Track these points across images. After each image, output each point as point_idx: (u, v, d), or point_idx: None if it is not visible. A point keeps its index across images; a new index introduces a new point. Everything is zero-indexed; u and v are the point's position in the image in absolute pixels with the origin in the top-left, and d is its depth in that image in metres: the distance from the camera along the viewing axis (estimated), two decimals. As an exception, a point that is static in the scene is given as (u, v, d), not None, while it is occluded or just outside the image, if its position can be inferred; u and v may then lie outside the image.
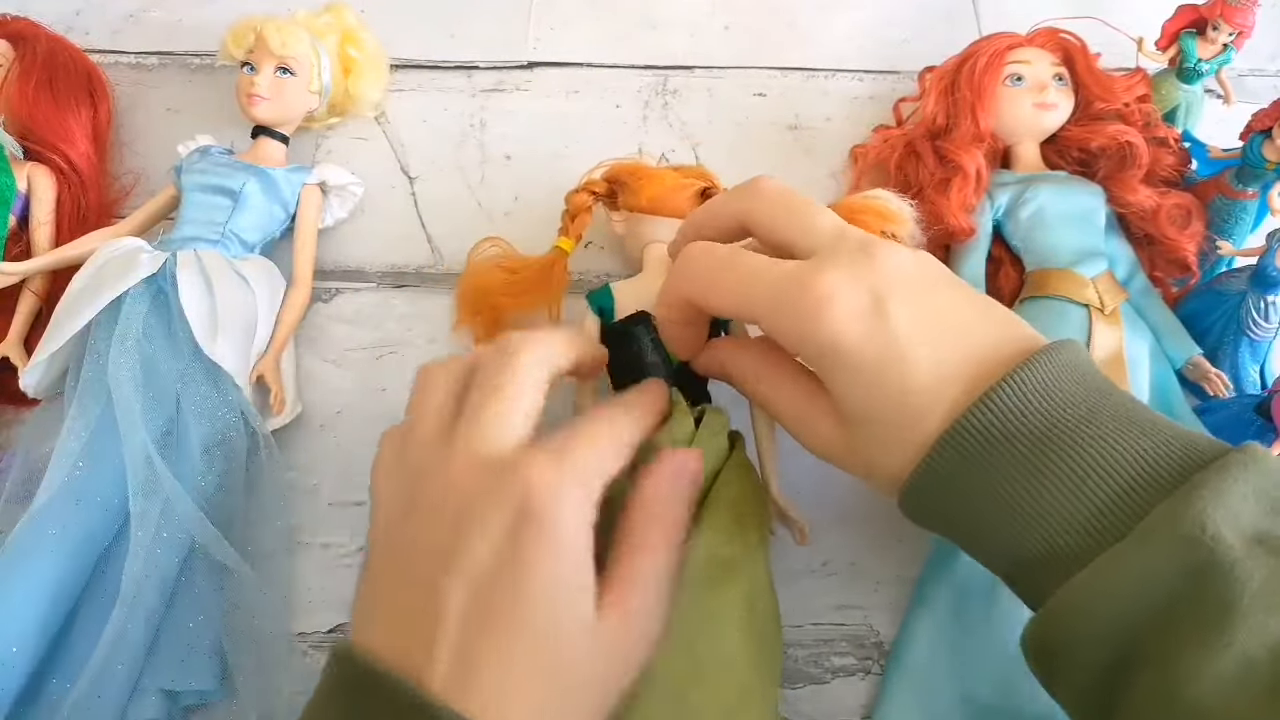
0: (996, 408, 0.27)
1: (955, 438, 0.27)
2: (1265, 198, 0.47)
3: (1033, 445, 0.26)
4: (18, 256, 0.46)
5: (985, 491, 0.27)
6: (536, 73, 0.55)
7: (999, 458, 0.27)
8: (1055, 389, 0.27)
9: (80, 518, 0.39)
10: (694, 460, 0.31)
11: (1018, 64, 0.49)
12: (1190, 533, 0.23)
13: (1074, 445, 0.26)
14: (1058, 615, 0.25)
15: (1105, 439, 0.26)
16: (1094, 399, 0.27)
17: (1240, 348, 0.45)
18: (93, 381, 0.42)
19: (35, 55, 0.48)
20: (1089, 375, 0.28)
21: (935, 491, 0.28)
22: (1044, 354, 0.28)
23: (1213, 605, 0.23)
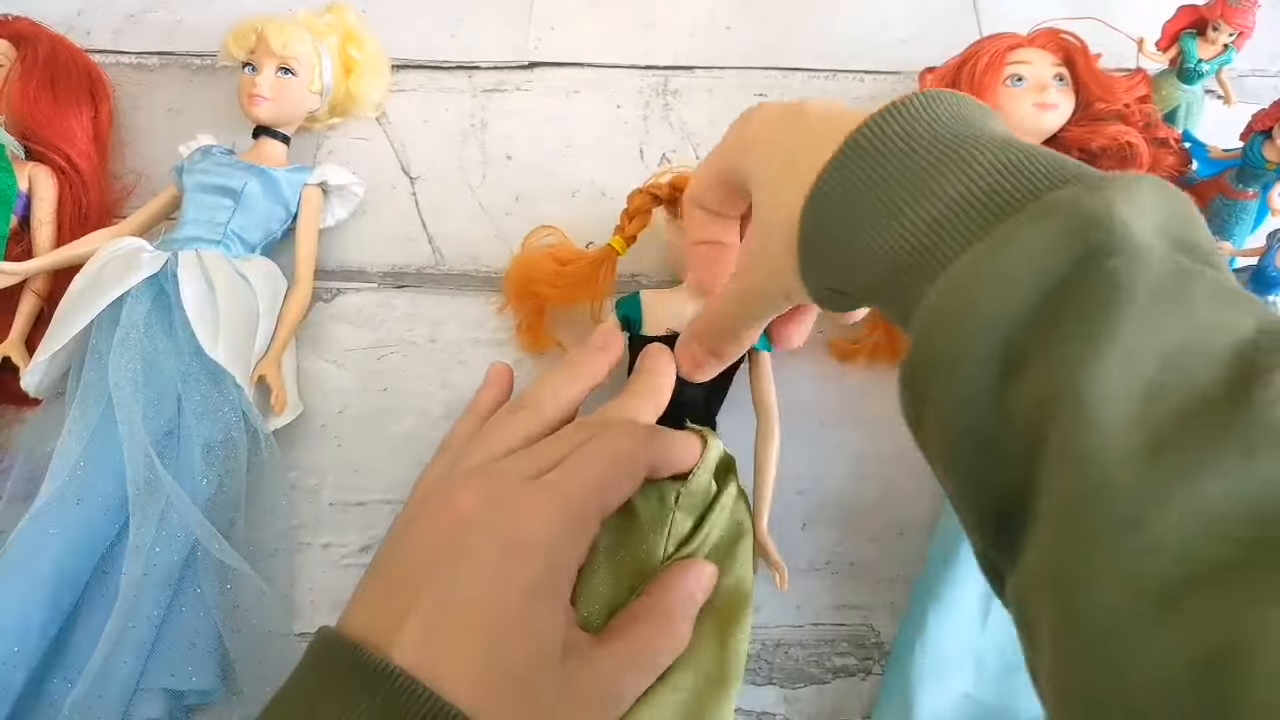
0: (880, 127, 0.25)
1: (841, 160, 0.26)
2: (1265, 198, 0.47)
3: (923, 152, 0.25)
4: (19, 256, 0.46)
5: (868, 207, 0.25)
6: (537, 73, 0.55)
7: (883, 169, 0.25)
8: (939, 110, 0.26)
9: (81, 517, 0.40)
10: (709, 576, 0.34)
11: (1018, 64, 0.49)
12: (1094, 212, 0.21)
13: (959, 149, 0.24)
14: (939, 312, 0.22)
15: (994, 146, 0.24)
16: (983, 122, 0.26)
17: (1240, 348, 0.45)
18: (94, 382, 0.42)
19: (36, 55, 0.48)
20: (976, 110, 0.27)
21: (824, 217, 0.26)
22: (933, 93, 0.27)
23: (1106, 293, 0.20)
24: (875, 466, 0.46)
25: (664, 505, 0.34)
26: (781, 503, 0.41)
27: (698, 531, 0.35)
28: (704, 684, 0.32)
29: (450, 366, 0.47)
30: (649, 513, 0.34)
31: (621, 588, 0.33)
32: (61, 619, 0.39)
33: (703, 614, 0.33)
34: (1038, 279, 0.21)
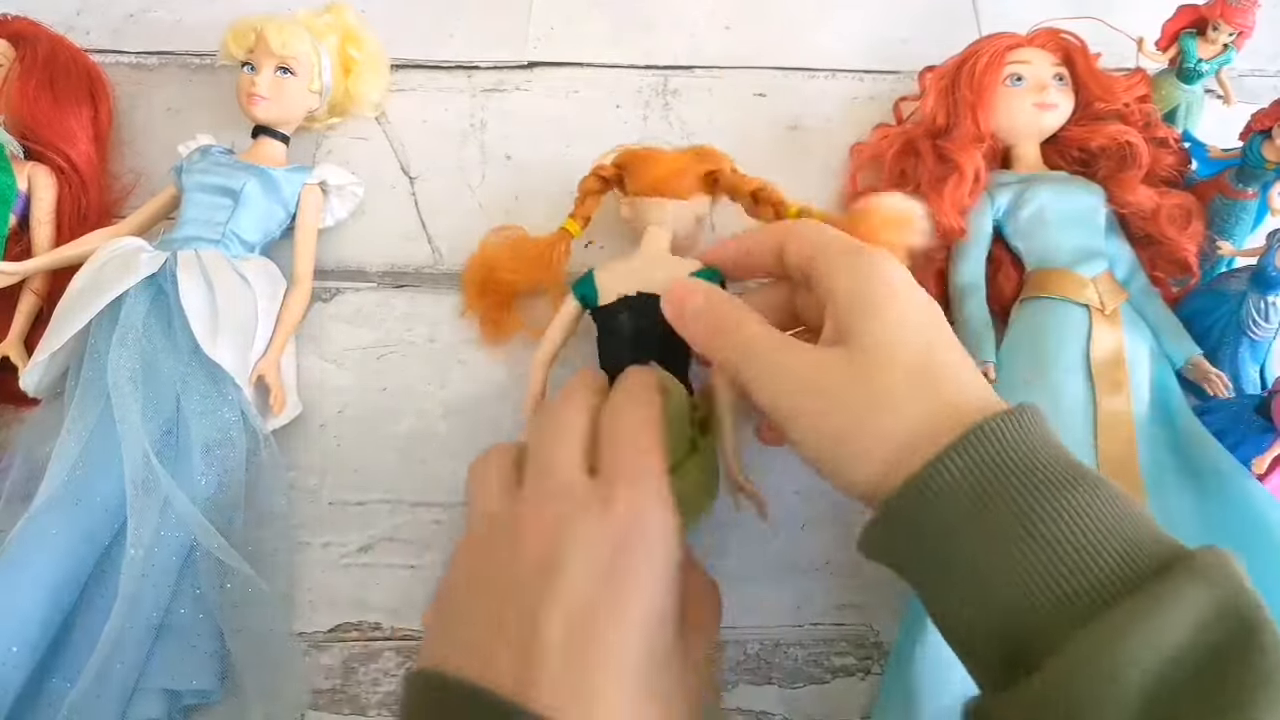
0: (1012, 425, 0.25)
1: (963, 445, 0.25)
2: (1265, 198, 0.47)
3: (1033, 490, 0.24)
4: (18, 256, 0.46)
5: (997, 518, 0.24)
6: (537, 72, 0.55)
7: (1011, 480, 0.25)
8: (1042, 440, 0.26)
9: (80, 517, 0.39)
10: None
11: (1018, 64, 0.49)
12: (1240, 583, 0.22)
13: (1068, 506, 0.24)
14: (1085, 664, 0.21)
15: (1106, 489, 0.24)
16: (1076, 466, 0.26)
17: (1240, 348, 0.45)
18: (93, 381, 0.42)
19: (36, 55, 0.48)
20: (1057, 443, 0.27)
21: (934, 503, 0.26)
22: (1026, 410, 0.27)
23: (1267, 673, 0.20)
24: (875, 466, 0.46)
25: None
26: (782, 503, 0.41)
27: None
28: None
29: (450, 366, 0.47)
30: None
31: None
32: (60, 619, 0.39)
33: None
34: (1195, 647, 0.21)
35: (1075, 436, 0.43)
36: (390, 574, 0.43)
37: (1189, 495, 0.42)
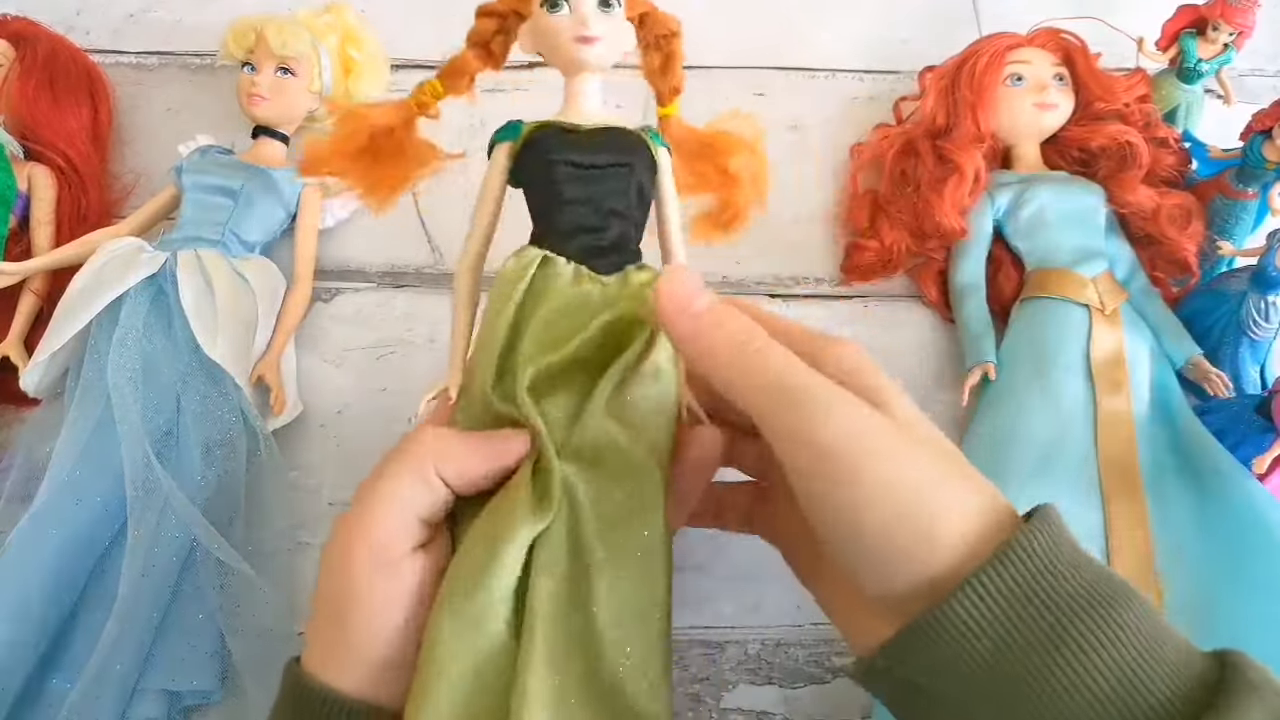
0: (1038, 540, 0.23)
1: (991, 571, 0.23)
2: (1265, 198, 0.47)
3: (1058, 611, 0.22)
4: (18, 256, 0.46)
5: (1029, 641, 0.22)
6: (537, 73, 0.55)
7: (1041, 602, 0.23)
8: (1073, 548, 0.24)
9: (80, 517, 0.39)
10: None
11: (1018, 64, 0.49)
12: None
13: (1111, 626, 0.22)
14: None
15: (1135, 601, 0.23)
16: (1108, 577, 0.24)
17: (1241, 348, 0.45)
18: (93, 381, 0.42)
19: (36, 55, 0.48)
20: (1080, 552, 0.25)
21: (939, 642, 0.23)
22: (1052, 512, 0.25)
23: None
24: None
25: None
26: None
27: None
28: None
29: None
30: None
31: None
32: (60, 619, 0.39)
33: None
34: None
35: (1075, 436, 0.43)
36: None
37: (1189, 495, 0.42)
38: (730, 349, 0.26)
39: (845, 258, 0.50)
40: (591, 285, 0.29)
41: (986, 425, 0.44)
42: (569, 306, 0.28)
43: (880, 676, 0.25)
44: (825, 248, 0.51)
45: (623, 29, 0.32)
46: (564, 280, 0.29)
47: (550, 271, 0.29)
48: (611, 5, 0.31)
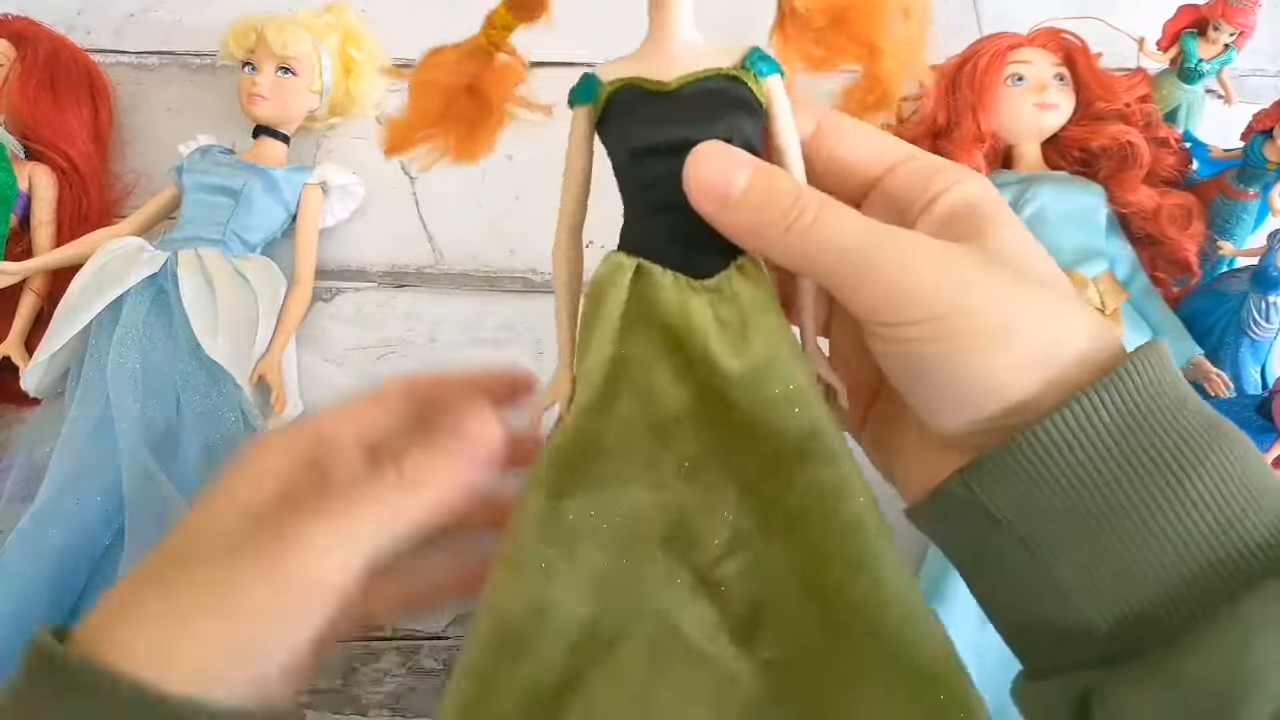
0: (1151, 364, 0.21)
1: (1114, 380, 0.21)
2: (1266, 198, 0.47)
3: (1183, 439, 0.21)
4: (19, 256, 0.46)
5: (1110, 476, 0.21)
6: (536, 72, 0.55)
7: (1163, 431, 0.21)
8: (1180, 380, 0.22)
9: (80, 518, 0.39)
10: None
11: (1019, 64, 0.49)
12: None
13: (1218, 460, 0.21)
14: (1235, 646, 0.19)
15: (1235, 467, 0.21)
16: (1214, 415, 0.22)
17: (1241, 348, 0.45)
18: (94, 381, 0.42)
19: (36, 55, 0.48)
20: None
21: (1068, 444, 0.21)
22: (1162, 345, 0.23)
23: None
24: (875, 466, 0.46)
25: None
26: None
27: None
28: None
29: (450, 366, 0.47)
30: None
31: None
32: (61, 618, 0.39)
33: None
34: None
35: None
36: (391, 574, 0.43)
37: (1190, 495, 0.42)
38: (783, 232, 0.23)
39: (846, 258, 0.50)
40: (694, 297, 0.24)
41: (987, 425, 0.44)
42: (677, 341, 0.24)
43: (953, 508, 0.23)
44: (826, 248, 0.51)
45: None
46: (666, 292, 0.24)
47: (647, 283, 0.24)
48: None
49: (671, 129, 0.24)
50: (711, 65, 0.25)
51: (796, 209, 0.23)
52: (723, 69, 0.25)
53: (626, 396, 0.24)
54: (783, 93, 0.26)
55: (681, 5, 0.26)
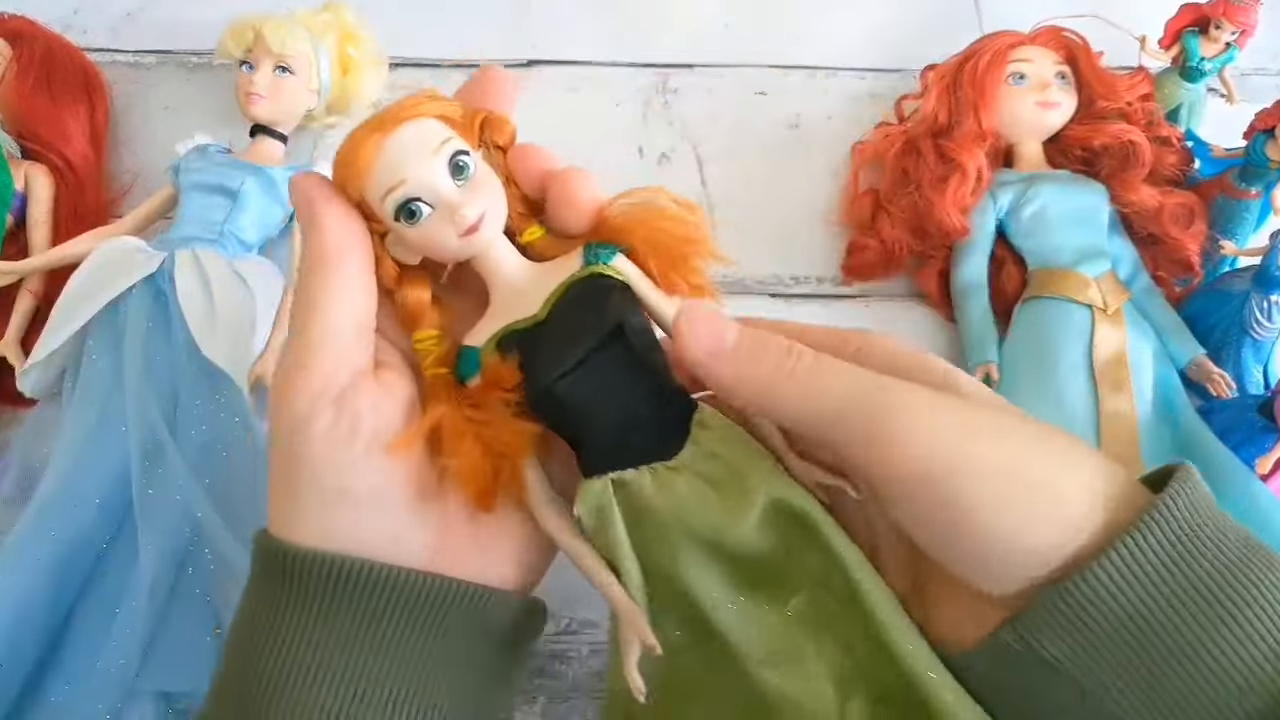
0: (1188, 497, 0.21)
1: (1147, 525, 0.21)
2: (1268, 197, 0.46)
3: (1225, 569, 0.21)
4: (15, 256, 0.46)
5: (1163, 613, 0.21)
6: (536, 71, 0.55)
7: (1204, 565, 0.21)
8: (1216, 508, 0.22)
9: (78, 519, 0.39)
10: None
11: (1020, 62, 0.49)
12: None
13: (1264, 588, 0.20)
14: None
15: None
16: (1251, 540, 0.22)
17: (1243, 348, 0.45)
18: (91, 382, 0.42)
19: (33, 54, 0.48)
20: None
21: (1116, 595, 0.21)
22: (1194, 471, 0.23)
23: None
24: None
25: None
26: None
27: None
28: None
29: (449, 366, 0.47)
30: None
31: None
32: (57, 620, 0.38)
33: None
34: None
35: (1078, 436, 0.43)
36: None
37: (1192, 496, 0.42)
38: (780, 381, 0.23)
39: (846, 257, 0.50)
40: (677, 480, 0.24)
41: (988, 426, 0.44)
42: (688, 532, 0.24)
43: (1006, 657, 0.22)
44: (826, 246, 0.51)
45: (490, 186, 0.25)
46: (650, 494, 0.24)
47: (630, 494, 0.24)
48: (465, 169, 0.24)
49: (569, 349, 0.23)
50: (563, 277, 0.25)
51: (793, 356, 0.23)
52: (574, 275, 0.25)
53: (672, 615, 0.24)
54: (631, 266, 0.25)
55: (499, 246, 0.25)
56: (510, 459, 0.24)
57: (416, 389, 0.25)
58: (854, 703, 0.23)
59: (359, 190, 0.24)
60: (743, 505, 0.24)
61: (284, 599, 0.24)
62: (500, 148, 0.27)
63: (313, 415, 0.23)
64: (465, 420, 0.24)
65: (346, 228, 0.24)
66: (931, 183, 0.47)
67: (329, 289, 0.24)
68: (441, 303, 0.26)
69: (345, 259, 0.24)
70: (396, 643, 0.24)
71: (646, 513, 0.24)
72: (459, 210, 0.24)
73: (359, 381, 0.24)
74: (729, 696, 0.24)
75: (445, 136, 0.25)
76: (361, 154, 0.24)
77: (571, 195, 0.26)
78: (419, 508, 0.24)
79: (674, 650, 0.24)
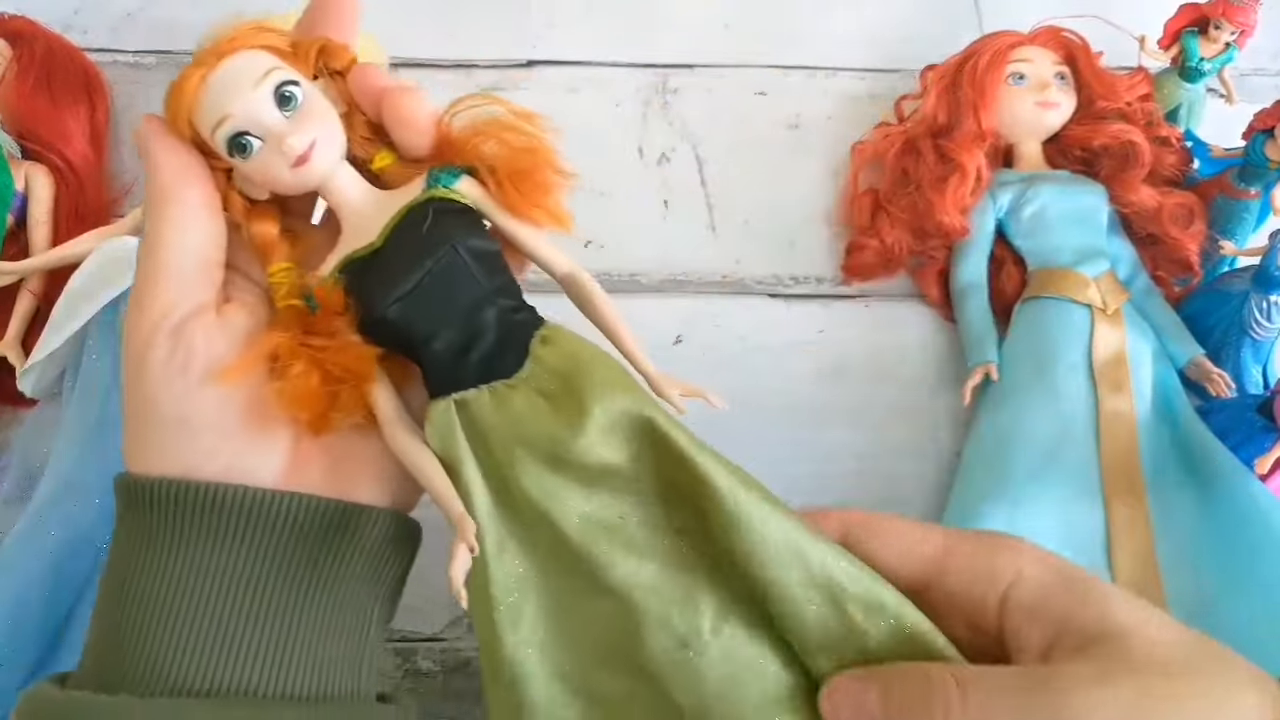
0: None
1: None
2: (1268, 197, 0.47)
3: None
4: (15, 256, 0.46)
5: None
6: (536, 71, 0.55)
7: None
8: None
9: (78, 518, 0.39)
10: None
11: (1020, 62, 0.49)
12: None
13: None
14: None
15: None
16: None
17: (1243, 348, 0.45)
18: (90, 381, 0.42)
19: (33, 54, 0.48)
20: None
21: None
22: None
23: None
24: (875, 466, 0.46)
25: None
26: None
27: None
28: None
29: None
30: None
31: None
32: (58, 620, 0.38)
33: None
34: None
35: (1077, 437, 0.43)
36: (389, 575, 0.43)
37: (1191, 495, 0.42)
38: (943, 718, 0.21)
39: (846, 257, 0.50)
40: (514, 397, 0.24)
41: (988, 425, 0.44)
42: (529, 447, 0.24)
43: None
44: (826, 247, 0.51)
45: (320, 115, 0.25)
46: (489, 413, 0.24)
47: (472, 414, 0.24)
48: (291, 99, 0.24)
49: (403, 274, 0.24)
50: (402, 204, 0.25)
51: (939, 694, 0.21)
52: (413, 200, 0.25)
53: (525, 530, 0.25)
54: (478, 188, 0.25)
55: (342, 176, 0.26)
56: (351, 382, 0.24)
57: (264, 322, 0.26)
58: (708, 597, 0.24)
59: (191, 127, 0.25)
60: (580, 418, 0.24)
61: (137, 529, 0.24)
62: (339, 73, 0.26)
63: (150, 347, 0.24)
64: (301, 346, 0.24)
65: (181, 163, 0.25)
66: (931, 183, 0.48)
67: (165, 224, 0.24)
68: (299, 236, 0.26)
69: (181, 194, 0.25)
70: (252, 561, 0.24)
71: (489, 432, 0.24)
72: (285, 141, 0.24)
73: (198, 314, 0.24)
74: (590, 606, 0.24)
75: (270, 67, 0.25)
76: (187, 91, 0.25)
77: (404, 113, 0.25)
78: (264, 434, 0.25)
79: (540, 571, 0.25)
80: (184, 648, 0.23)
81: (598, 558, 0.24)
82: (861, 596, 0.23)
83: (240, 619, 0.23)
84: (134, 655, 0.23)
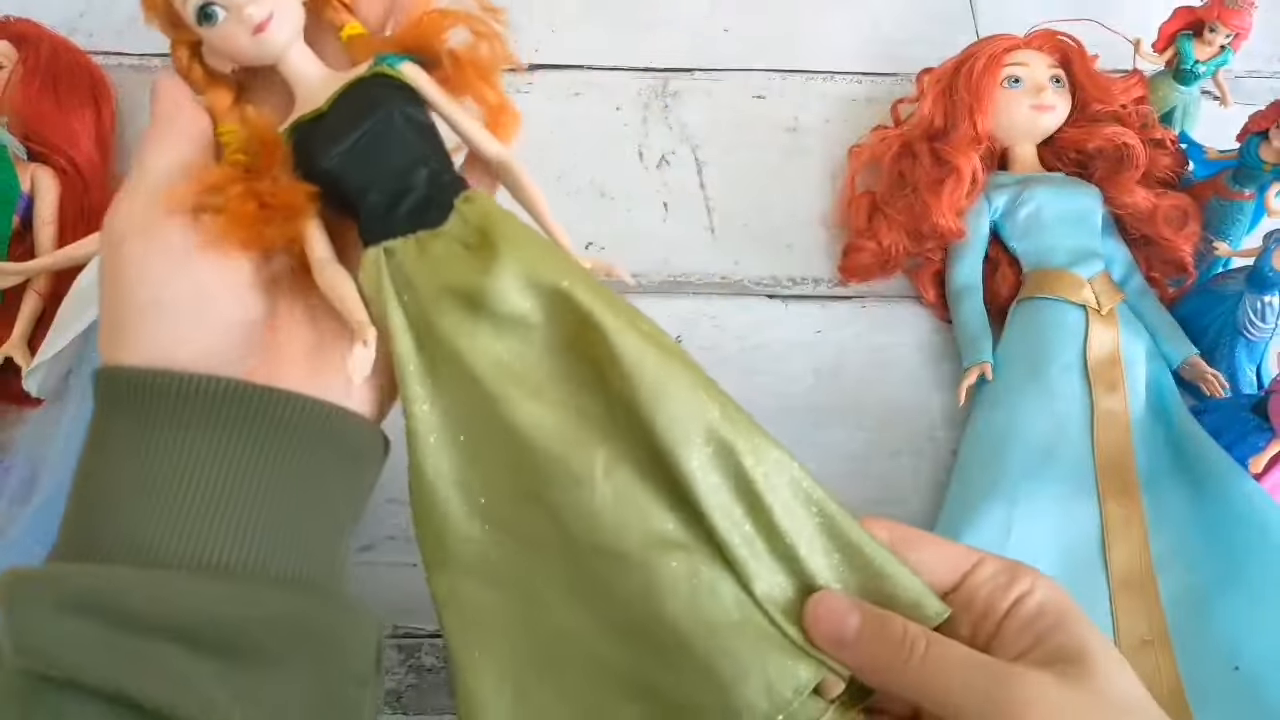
0: None
1: None
2: (1262, 199, 0.47)
3: None
4: (21, 257, 0.46)
5: None
6: (537, 75, 0.56)
7: None
8: None
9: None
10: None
11: (1015, 66, 0.50)
12: None
13: None
14: None
15: None
16: None
17: (1237, 348, 0.46)
18: (96, 381, 0.42)
19: (39, 57, 0.49)
20: None
21: None
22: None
23: None
24: (875, 466, 0.46)
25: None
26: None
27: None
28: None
29: (450, 367, 0.48)
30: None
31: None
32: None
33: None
34: None
35: (1072, 436, 0.43)
36: (391, 573, 0.43)
37: (1185, 495, 0.42)
38: (897, 669, 0.24)
39: (843, 258, 0.51)
40: (435, 244, 0.27)
41: (983, 425, 0.44)
42: (451, 293, 0.26)
43: None
44: (823, 248, 0.52)
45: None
46: (412, 260, 0.26)
47: (399, 262, 0.27)
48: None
49: (345, 135, 0.27)
50: (350, 78, 0.28)
51: (905, 647, 0.24)
52: (358, 75, 0.28)
53: (444, 369, 0.27)
54: (421, 74, 0.28)
55: (297, 51, 0.28)
56: (287, 213, 0.26)
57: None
58: (603, 446, 0.26)
59: (166, 1, 0.28)
60: (495, 264, 0.26)
61: (110, 419, 0.24)
62: None
63: (126, 236, 0.25)
64: (242, 179, 0.26)
65: (179, 96, 0.28)
66: (927, 185, 0.48)
67: (152, 145, 0.27)
68: (256, 109, 0.28)
69: (174, 120, 0.27)
70: (221, 453, 0.24)
71: (413, 276, 0.26)
72: (244, 9, 0.26)
73: (175, 211, 0.25)
74: (500, 443, 0.26)
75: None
76: None
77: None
78: (240, 327, 0.26)
79: (456, 407, 0.27)
80: (160, 522, 0.23)
81: (506, 400, 0.26)
82: (752, 451, 0.25)
83: (217, 498, 0.24)
84: (111, 530, 0.23)
